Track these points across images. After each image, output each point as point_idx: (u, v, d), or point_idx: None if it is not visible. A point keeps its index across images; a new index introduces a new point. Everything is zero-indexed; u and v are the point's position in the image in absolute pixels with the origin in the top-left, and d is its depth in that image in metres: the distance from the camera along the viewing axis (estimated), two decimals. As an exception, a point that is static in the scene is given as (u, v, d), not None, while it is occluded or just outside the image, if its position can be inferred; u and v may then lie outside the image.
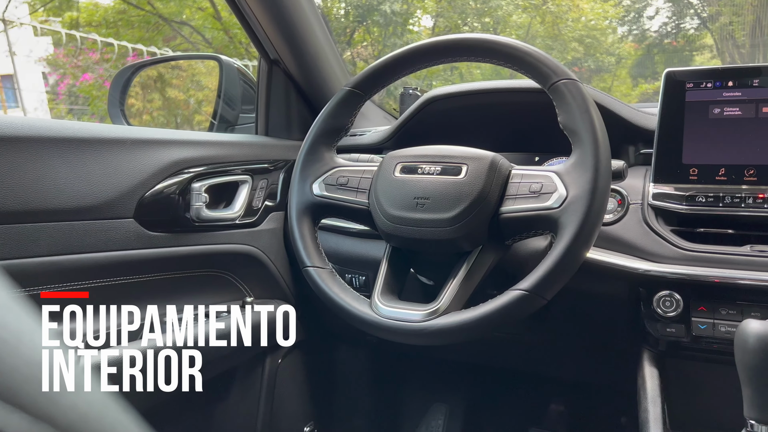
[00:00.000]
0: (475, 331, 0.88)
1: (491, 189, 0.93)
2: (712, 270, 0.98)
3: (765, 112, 1.04)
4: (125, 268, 1.07)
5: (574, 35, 6.79)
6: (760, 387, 0.80)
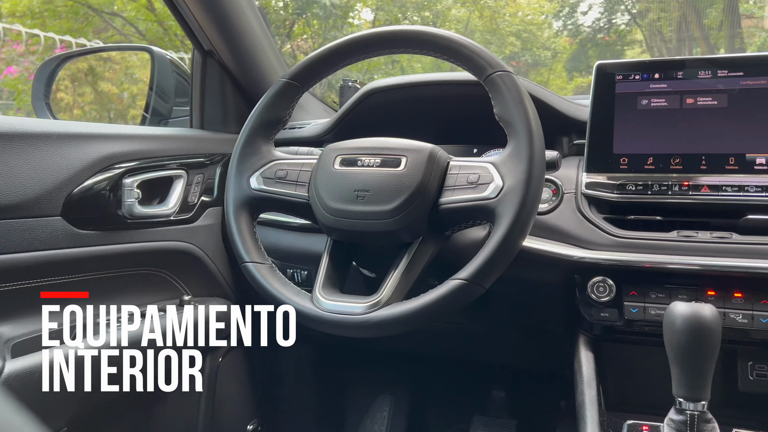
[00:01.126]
0: (416, 321, 0.88)
1: (430, 180, 0.93)
2: (643, 255, 1.02)
3: (689, 103, 1.09)
4: (53, 268, 1.02)
5: (512, 30, 6.93)
6: (687, 366, 0.84)
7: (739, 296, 0.98)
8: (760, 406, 1.06)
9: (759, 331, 0.97)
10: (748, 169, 1.02)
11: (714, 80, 1.08)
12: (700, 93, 1.08)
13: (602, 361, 1.13)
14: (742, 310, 0.98)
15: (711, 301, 0.99)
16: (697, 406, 0.84)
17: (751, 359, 1.05)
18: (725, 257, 0.98)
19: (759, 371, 1.05)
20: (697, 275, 1.00)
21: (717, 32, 7.09)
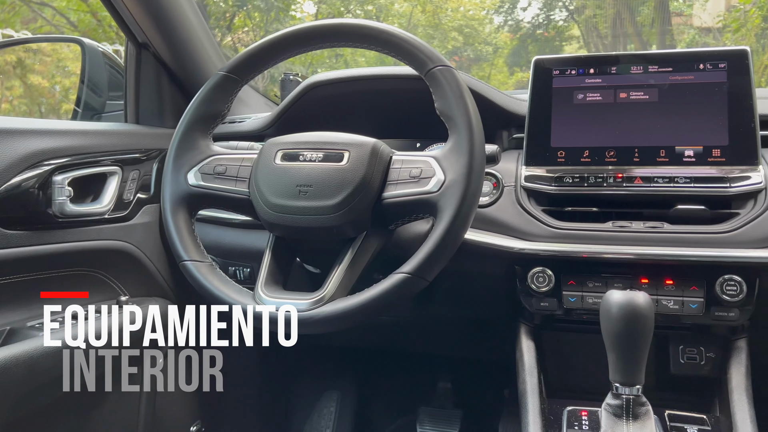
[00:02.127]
0: (360, 316, 0.88)
1: (373, 175, 0.93)
2: (580, 246, 1.05)
3: (622, 97, 1.12)
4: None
5: (454, 25, 7.01)
6: (622, 352, 0.87)
7: (670, 283, 1.03)
8: (690, 388, 1.12)
9: (689, 316, 1.02)
10: (677, 161, 1.07)
11: (645, 75, 1.12)
12: (633, 88, 1.12)
13: (543, 350, 1.16)
14: (673, 296, 1.02)
15: (644, 289, 1.02)
16: (632, 390, 0.87)
17: (682, 343, 1.10)
18: (657, 246, 1.02)
19: (689, 354, 1.09)
20: (631, 264, 1.04)
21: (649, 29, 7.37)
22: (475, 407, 1.73)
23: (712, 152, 1.06)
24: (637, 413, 0.88)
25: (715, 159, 1.05)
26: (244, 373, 1.65)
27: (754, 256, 0.97)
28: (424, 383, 1.77)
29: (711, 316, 1.01)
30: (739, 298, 0.98)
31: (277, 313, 0.90)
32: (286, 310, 0.90)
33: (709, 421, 0.99)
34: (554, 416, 1.03)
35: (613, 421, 0.88)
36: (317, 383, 1.78)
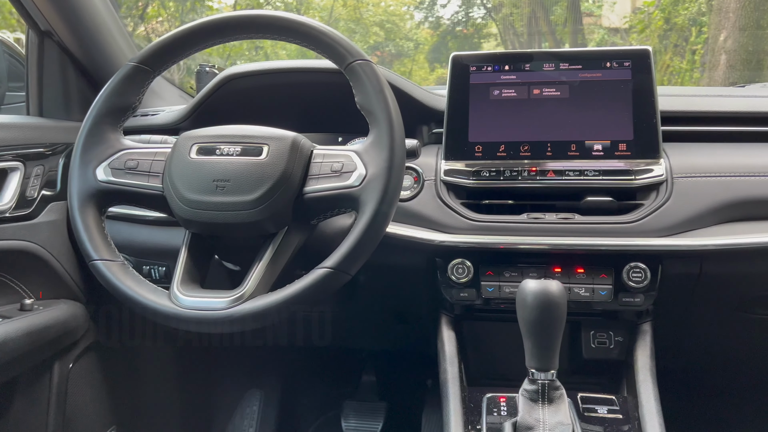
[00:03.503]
0: (282, 312, 0.87)
1: (294, 169, 0.92)
2: (497, 237, 1.08)
3: (536, 93, 1.16)
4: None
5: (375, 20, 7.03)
6: (537, 339, 0.90)
7: (581, 272, 1.07)
8: (601, 371, 1.17)
9: (599, 302, 1.07)
10: (587, 155, 1.11)
11: (557, 72, 1.16)
12: (545, 84, 1.16)
13: (463, 340, 1.19)
14: (584, 284, 1.07)
15: (557, 278, 1.07)
16: (547, 375, 0.91)
17: (593, 329, 1.16)
18: (568, 236, 1.06)
19: (600, 339, 1.15)
20: (545, 254, 1.08)
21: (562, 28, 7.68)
22: (400, 398, 1.75)
23: (619, 146, 1.11)
24: (552, 397, 0.91)
25: (621, 153, 1.11)
26: (161, 375, 1.60)
27: (657, 245, 1.04)
28: (349, 377, 1.77)
29: (619, 302, 1.07)
30: (644, 284, 1.04)
31: (193, 312, 0.88)
32: (204, 308, 0.87)
33: (617, 401, 1.05)
34: (474, 403, 1.05)
35: (529, 405, 0.91)
36: (239, 383, 1.74)
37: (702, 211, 1.05)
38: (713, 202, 1.06)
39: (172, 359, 1.61)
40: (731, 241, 1.03)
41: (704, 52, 6.81)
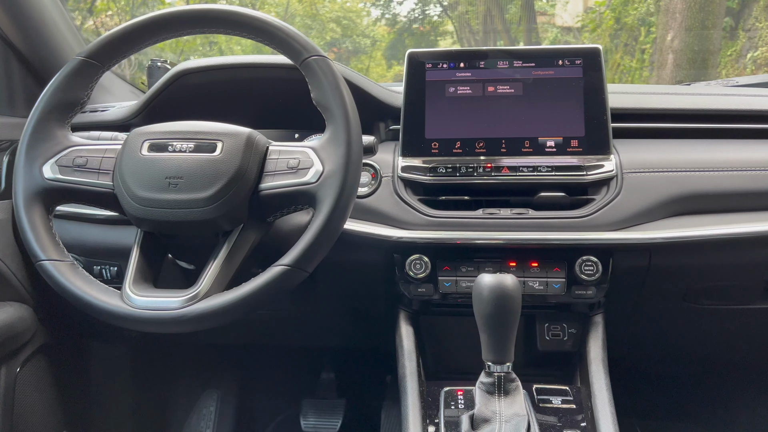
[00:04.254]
0: (238, 311, 0.86)
1: (249, 166, 0.91)
2: (454, 233, 1.09)
3: (490, 91, 1.18)
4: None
5: (332, 16, 7.00)
6: (493, 332, 0.92)
7: (535, 266, 1.10)
8: (554, 362, 1.20)
9: (552, 295, 1.09)
10: (540, 152, 1.14)
11: (511, 70, 1.18)
12: (500, 82, 1.18)
13: (421, 335, 1.20)
14: (538, 278, 1.09)
15: (512, 272, 1.09)
16: (503, 368, 0.92)
17: (547, 321, 1.18)
18: (523, 231, 1.08)
19: (553, 331, 1.18)
20: (500, 249, 1.10)
21: (517, 27, 7.81)
22: (359, 395, 1.75)
23: (571, 143, 1.14)
24: (507, 389, 0.93)
25: (573, 149, 1.13)
26: (114, 376, 1.56)
27: (608, 238, 1.06)
28: (308, 376, 1.76)
29: (572, 295, 1.09)
30: (595, 277, 1.07)
31: (146, 313, 0.86)
32: (157, 308, 0.86)
33: (571, 392, 1.08)
34: (432, 397, 1.06)
35: (486, 398, 0.93)
36: (196, 383, 1.72)
37: (651, 206, 1.08)
38: (661, 197, 1.09)
39: (124, 360, 1.57)
40: (679, 234, 1.06)
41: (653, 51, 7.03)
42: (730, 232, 1.06)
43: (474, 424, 0.92)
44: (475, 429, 0.91)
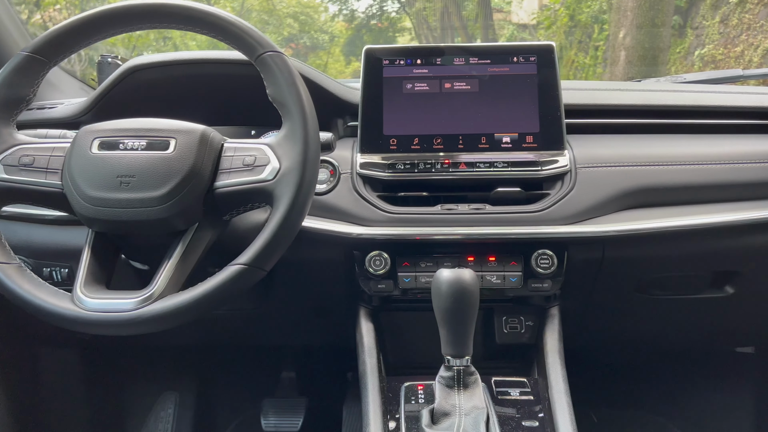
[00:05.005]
0: (194, 312, 0.85)
1: (203, 163, 0.89)
2: (413, 229, 1.10)
3: (447, 87, 1.18)
4: None
5: (289, 11, 6.93)
6: (452, 326, 0.93)
7: (492, 260, 1.11)
8: (513, 355, 1.22)
9: (510, 289, 1.11)
10: (496, 147, 1.15)
11: (467, 67, 1.19)
12: (456, 78, 1.18)
13: (382, 331, 1.20)
14: (495, 272, 1.11)
15: (471, 266, 1.10)
16: (462, 362, 0.93)
17: (505, 315, 1.20)
18: (480, 226, 1.09)
19: (511, 324, 1.20)
20: (458, 244, 1.11)
21: (474, 24, 7.89)
22: (320, 393, 1.75)
23: (526, 138, 1.15)
24: (467, 382, 0.94)
25: (528, 145, 1.15)
26: (67, 382, 1.51)
27: (563, 232, 1.09)
28: (268, 375, 1.75)
29: (528, 288, 1.11)
30: (551, 270, 1.09)
31: (98, 315, 0.84)
32: (110, 310, 0.84)
33: (529, 383, 1.10)
34: (393, 393, 1.07)
35: (446, 392, 0.94)
36: (153, 385, 1.68)
37: (604, 199, 1.11)
38: (614, 191, 1.12)
39: (77, 365, 1.53)
40: (630, 227, 1.09)
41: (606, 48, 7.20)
42: (678, 225, 1.10)
43: (434, 418, 0.93)
44: (435, 423, 0.92)
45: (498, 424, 0.95)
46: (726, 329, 1.42)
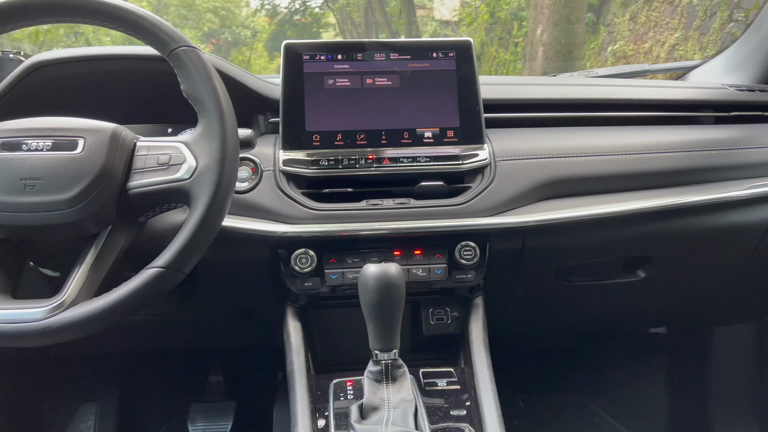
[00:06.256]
0: (110, 318, 0.81)
1: (115, 163, 0.86)
2: (339, 225, 1.09)
3: (369, 83, 1.18)
4: None
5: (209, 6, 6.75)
6: (379, 321, 0.93)
7: (418, 253, 1.12)
8: (440, 346, 1.24)
9: (435, 281, 1.13)
10: (419, 142, 1.16)
11: (389, 62, 1.19)
12: (378, 74, 1.19)
13: (310, 329, 1.19)
14: (421, 265, 1.12)
15: (397, 260, 1.11)
16: (389, 355, 0.94)
17: (432, 306, 1.22)
18: (405, 220, 1.10)
19: (437, 316, 1.22)
20: (384, 238, 1.11)
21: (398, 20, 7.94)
22: (250, 395, 1.72)
23: (447, 133, 1.17)
24: (395, 375, 0.95)
25: (449, 139, 1.17)
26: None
27: (484, 223, 1.11)
28: (195, 379, 1.70)
29: (453, 279, 1.13)
30: (474, 261, 1.12)
31: (4, 327, 0.79)
32: (17, 321, 0.79)
33: (455, 373, 1.12)
34: (322, 391, 1.06)
35: (374, 386, 0.94)
36: (71, 397, 1.60)
37: (522, 191, 1.14)
38: (531, 182, 1.15)
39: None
40: (547, 217, 1.13)
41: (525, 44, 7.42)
42: (592, 213, 1.15)
43: (363, 413, 0.93)
44: (364, 418, 0.92)
45: (426, 415, 0.97)
46: (639, 311, 1.50)
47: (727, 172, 1.26)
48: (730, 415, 1.67)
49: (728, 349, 1.67)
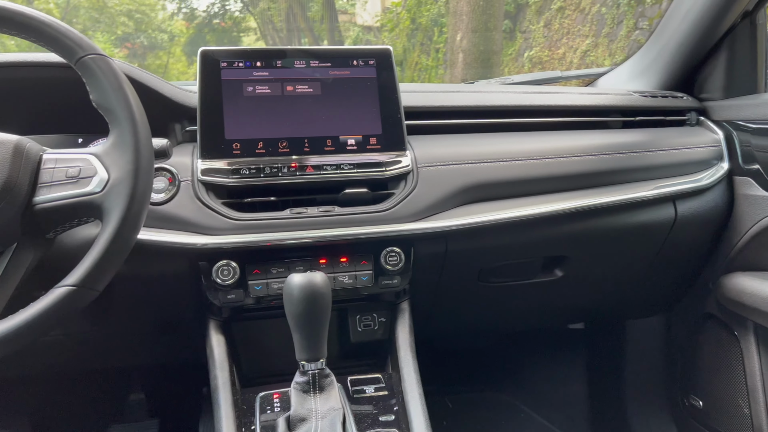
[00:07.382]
0: (17, 341, 0.76)
1: (19, 177, 0.81)
2: (262, 235, 1.08)
3: (289, 90, 1.17)
4: None
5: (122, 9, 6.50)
6: (306, 331, 0.92)
7: (344, 261, 1.12)
8: (368, 352, 1.24)
9: (362, 288, 1.13)
10: (342, 150, 1.16)
11: (309, 70, 1.19)
12: (298, 81, 1.18)
13: (235, 342, 1.16)
14: (347, 272, 1.12)
15: (323, 269, 1.10)
16: (316, 365, 0.93)
17: (359, 313, 1.22)
18: (330, 228, 1.10)
19: (365, 322, 1.22)
20: (309, 247, 1.10)
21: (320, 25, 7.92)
22: (174, 412, 1.66)
23: (370, 140, 1.18)
24: (323, 385, 0.94)
25: (372, 146, 1.17)
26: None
27: (408, 229, 1.12)
28: (115, 400, 1.63)
29: (379, 285, 1.14)
30: (399, 266, 1.13)
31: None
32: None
33: (383, 379, 1.12)
34: (248, 405, 1.04)
35: (302, 397, 0.93)
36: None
37: (444, 196, 1.17)
38: (452, 187, 1.18)
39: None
40: (469, 221, 1.16)
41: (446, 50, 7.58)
42: (510, 216, 1.18)
43: (291, 425, 0.92)
44: (292, 429, 0.91)
45: (354, 423, 0.97)
46: (558, 309, 1.56)
47: (634, 174, 1.34)
48: (644, 403, 1.76)
49: (640, 341, 1.76)
